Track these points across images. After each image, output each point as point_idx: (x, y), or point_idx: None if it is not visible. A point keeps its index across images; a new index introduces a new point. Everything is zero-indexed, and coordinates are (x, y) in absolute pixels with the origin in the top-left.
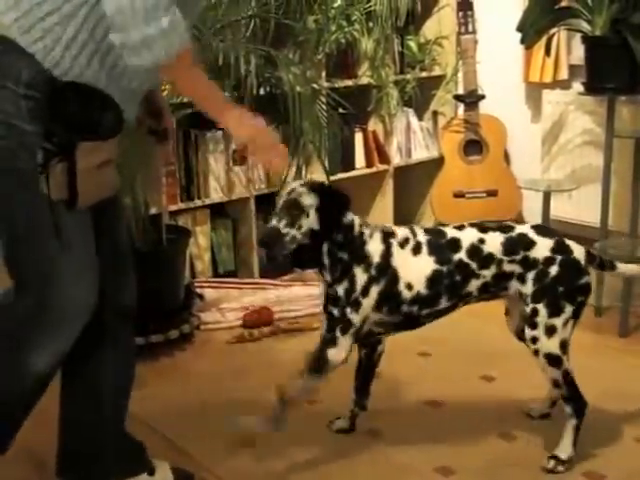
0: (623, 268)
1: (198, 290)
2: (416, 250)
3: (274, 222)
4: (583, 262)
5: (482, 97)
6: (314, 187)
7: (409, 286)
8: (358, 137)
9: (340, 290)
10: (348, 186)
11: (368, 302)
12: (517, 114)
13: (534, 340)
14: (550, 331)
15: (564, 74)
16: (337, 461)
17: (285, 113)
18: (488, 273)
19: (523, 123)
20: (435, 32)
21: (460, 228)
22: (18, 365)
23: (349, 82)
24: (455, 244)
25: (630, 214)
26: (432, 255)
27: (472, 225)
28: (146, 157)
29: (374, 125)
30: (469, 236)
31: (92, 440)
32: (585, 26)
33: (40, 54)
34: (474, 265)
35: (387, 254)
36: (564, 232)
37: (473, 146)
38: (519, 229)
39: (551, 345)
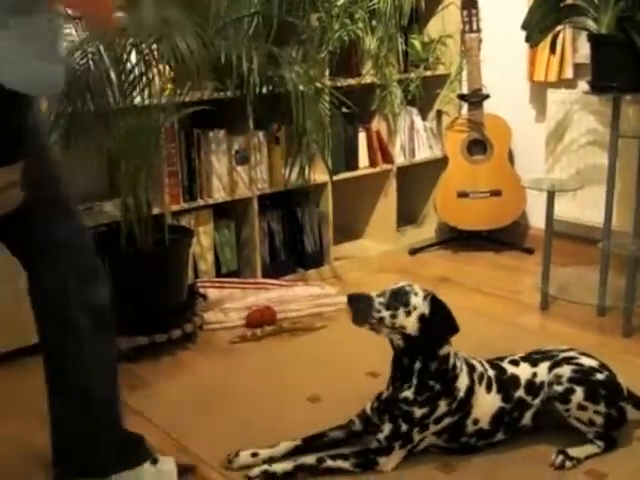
0: None
1: (201, 290)
2: (489, 387)
3: (374, 293)
4: (624, 387)
5: (486, 96)
6: (433, 299)
7: (475, 421)
8: (361, 136)
9: (418, 413)
10: (351, 186)
11: (435, 428)
12: (522, 113)
13: (567, 411)
14: (583, 408)
15: (569, 73)
16: None
17: (288, 112)
18: (537, 401)
19: (527, 122)
20: (439, 31)
21: (515, 363)
22: None
23: (352, 81)
24: (516, 381)
25: (634, 214)
26: (500, 392)
27: (523, 359)
28: (148, 157)
29: (377, 124)
30: (525, 372)
31: (79, 437)
32: (591, 24)
33: None
34: (529, 399)
35: (471, 391)
36: (568, 232)
37: (477, 146)
38: (564, 354)
39: (590, 415)
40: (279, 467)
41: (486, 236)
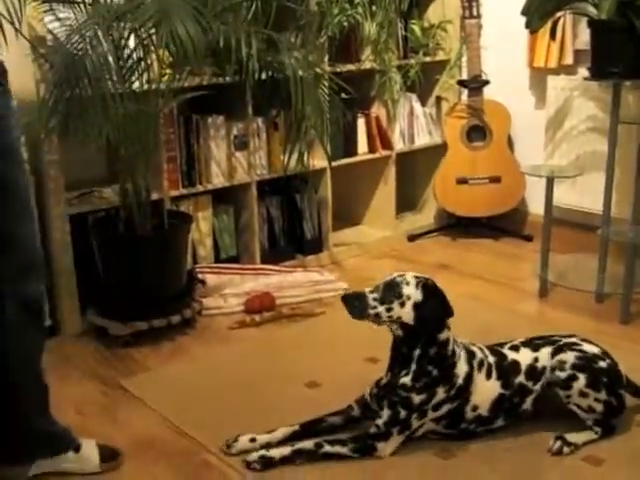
0: None
1: (200, 275)
2: (489, 374)
3: (367, 289)
4: (624, 379)
5: (486, 82)
6: (425, 286)
7: (474, 408)
8: (360, 122)
9: (416, 399)
10: (350, 172)
11: (434, 415)
12: (521, 100)
13: (568, 397)
14: (584, 395)
15: (569, 59)
16: None
17: (287, 98)
18: (539, 386)
19: (527, 109)
20: (439, 16)
21: (516, 349)
22: None
23: (352, 66)
24: (516, 367)
25: (633, 201)
26: (500, 379)
27: (524, 344)
28: (147, 142)
29: (377, 110)
30: (525, 358)
31: (5, 429)
32: (591, 10)
33: None
34: (530, 384)
35: (469, 378)
36: (567, 219)
37: (476, 132)
38: (566, 339)
39: (590, 402)
40: (277, 452)
41: (485, 223)
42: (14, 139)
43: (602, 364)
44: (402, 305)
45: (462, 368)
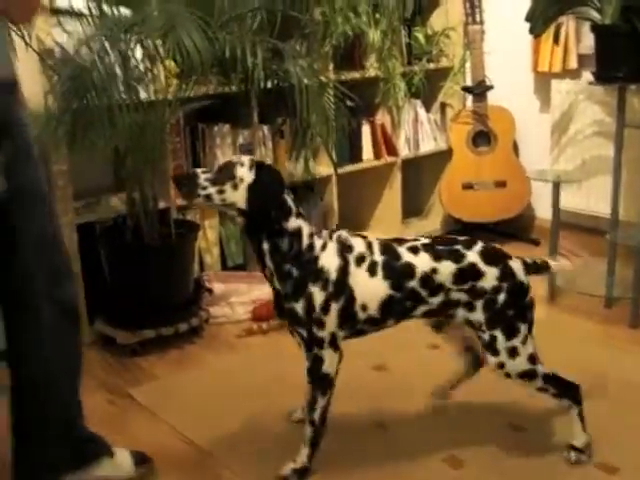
0: (555, 266)
1: (207, 284)
2: (372, 271)
3: (200, 170)
4: (525, 280)
5: (490, 88)
6: (258, 166)
7: (364, 307)
8: (366, 129)
9: (299, 309)
10: (356, 179)
11: (330, 320)
12: (526, 104)
13: (501, 366)
14: (513, 353)
15: (573, 63)
16: (344, 453)
17: (292, 106)
18: (436, 300)
19: (532, 113)
20: (442, 23)
21: (415, 251)
22: None
23: (356, 74)
24: (410, 270)
25: None
26: (388, 279)
27: (425, 248)
28: (153, 152)
29: (382, 117)
30: (423, 263)
31: (36, 436)
32: (594, 14)
33: None
34: (424, 293)
35: (344, 271)
36: (574, 223)
37: (482, 137)
38: (469, 258)
39: (519, 364)
40: (300, 459)
41: (492, 228)
42: (34, 145)
43: (501, 298)
44: (235, 187)
45: (331, 261)
